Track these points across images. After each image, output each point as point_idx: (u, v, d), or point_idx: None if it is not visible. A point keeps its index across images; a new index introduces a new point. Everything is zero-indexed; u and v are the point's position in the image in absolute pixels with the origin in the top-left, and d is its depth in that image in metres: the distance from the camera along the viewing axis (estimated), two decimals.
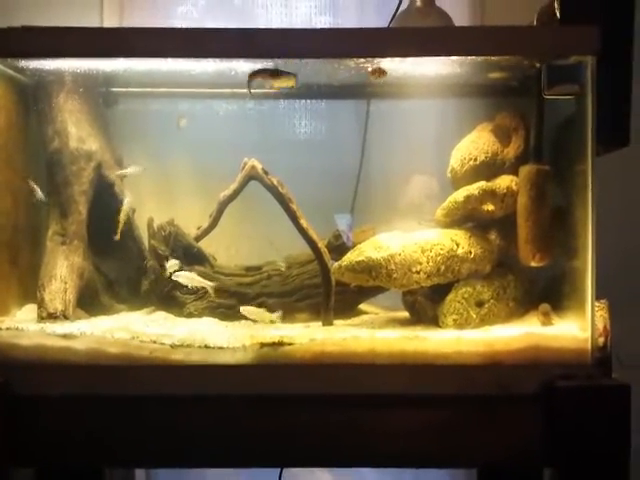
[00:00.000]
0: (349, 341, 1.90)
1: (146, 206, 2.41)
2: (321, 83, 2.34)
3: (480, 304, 2.07)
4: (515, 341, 1.90)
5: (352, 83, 2.31)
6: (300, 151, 2.53)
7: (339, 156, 2.53)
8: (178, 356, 1.88)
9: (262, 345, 1.89)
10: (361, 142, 2.51)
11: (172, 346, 1.89)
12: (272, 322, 2.06)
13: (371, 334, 1.94)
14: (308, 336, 1.92)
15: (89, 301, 2.22)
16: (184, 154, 2.40)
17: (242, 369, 1.86)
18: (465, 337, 1.91)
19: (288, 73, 1.92)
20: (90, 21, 2.65)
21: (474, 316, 2.05)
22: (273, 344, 1.89)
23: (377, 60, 1.95)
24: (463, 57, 1.91)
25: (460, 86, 2.25)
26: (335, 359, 1.87)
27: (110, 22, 2.68)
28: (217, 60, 1.98)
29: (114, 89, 2.35)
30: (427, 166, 2.40)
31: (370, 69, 1.97)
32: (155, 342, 1.90)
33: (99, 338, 1.90)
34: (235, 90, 2.40)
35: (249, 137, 2.45)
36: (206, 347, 1.88)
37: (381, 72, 1.94)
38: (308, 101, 2.52)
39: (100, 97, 2.32)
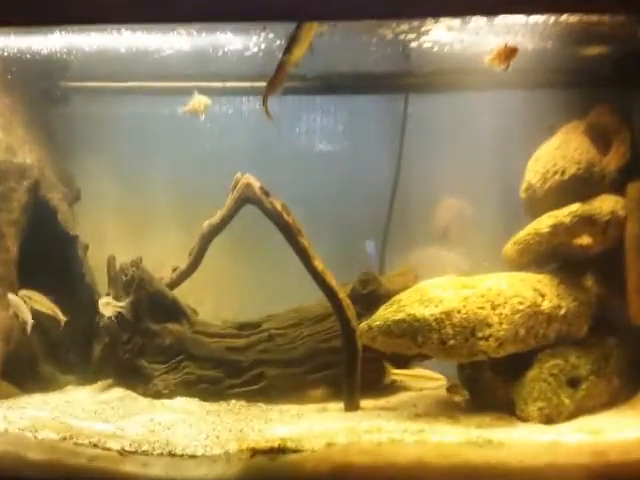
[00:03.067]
0: (386, 447, 1.27)
1: (108, 239, 1.82)
2: (338, 71, 1.74)
3: (574, 383, 1.44)
4: (637, 448, 1.25)
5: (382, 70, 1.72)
6: (314, 165, 1.91)
7: (365, 170, 1.91)
8: (129, 467, 1.28)
9: (254, 452, 1.27)
10: (396, 151, 1.89)
11: (121, 452, 1.29)
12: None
13: (419, 435, 1.29)
14: (324, 438, 1.29)
15: (22, 371, 1.62)
16: (158, 168, 1.79)
17: None
18: (562, 442, 1.26)
19: None
20: None
21: (567, 402, 1.41)
22: (271, 451, 1.26)
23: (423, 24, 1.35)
24: (543, 16, 1.30)
25: (538, 70, 1.61)
26: (364, 474, 1.24)
27: None
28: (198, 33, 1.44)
29: (63, 83, 1.75)
30: (488, 183, 1.76)
31: (492, 52, 1.34)
32: (97, 445, 1.30)
33: (17, 438, 1.33)
34: (224, 83, 1.80)
35: (245, 145, 1.85)
36: (171, 454, 1.28)
37: (512, 52, 1.32)
38: (325, 98, 1.91)
39: (43, 94, 1.73)
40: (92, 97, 1.78)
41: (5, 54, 1.53)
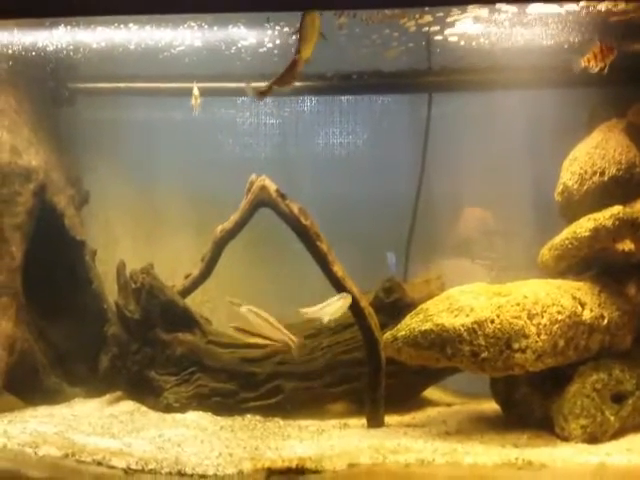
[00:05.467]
0: (414, 469, 1.16)
1: (121, 244, 1.75)
2: (360, 70, 1.67)
3: (619, 398, 1.32)
4: None
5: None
6: (333, 169, 1.83)
7: (386, 174, 1.82)
8: None
9: (270, 472, 1.17)
10: (420, 154, 1.80)
11: (127, 471, 1.20)
12: None
13: (451, 456, 1.18)
14: (346, 458, 1.19)
15: (27, 383, 1.53)
16: (170, 171, 1.71)
17: None
18: (612, 464, 1.15)
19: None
20: None
21: (612, 419, 1.29)
22: (288, 471, 1.17)
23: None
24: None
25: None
26: None
27: None
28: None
29: (71, 83, 1.68)
30: (519, 184, 1.66)
31: (588, 52, 1.26)
32: (101, 463, 1.21)
33: (17, 455, 1.24)
34: (240, 84, 1.72)
35: (260, 148, 1.77)
36: (180, 474, 1.18)
37: (609, 51, 1.24)
38: (343, 99, 1.82)
39: (50, 93, 1.66)
40: (101, 97, 1.69)
41: (9, 51, 1.45)
